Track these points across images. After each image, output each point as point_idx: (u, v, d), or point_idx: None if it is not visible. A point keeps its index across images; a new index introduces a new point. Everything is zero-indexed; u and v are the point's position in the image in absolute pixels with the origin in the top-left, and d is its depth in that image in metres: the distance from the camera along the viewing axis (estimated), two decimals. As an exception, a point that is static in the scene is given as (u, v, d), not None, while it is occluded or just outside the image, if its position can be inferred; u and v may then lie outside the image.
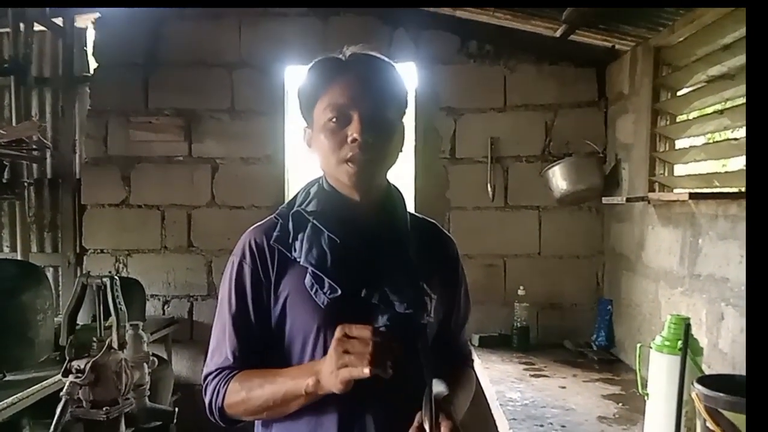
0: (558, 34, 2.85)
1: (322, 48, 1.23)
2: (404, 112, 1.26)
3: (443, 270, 1.34)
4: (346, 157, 1.16)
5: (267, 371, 1.19)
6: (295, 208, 1.24)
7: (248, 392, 1.16)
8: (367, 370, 0.99)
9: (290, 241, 1.21)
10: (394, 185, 1.31)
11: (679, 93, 2.49)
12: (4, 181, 3.13)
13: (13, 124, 3.14)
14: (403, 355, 1.14)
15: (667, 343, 1.62)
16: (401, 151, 1.26)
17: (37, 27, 3.31)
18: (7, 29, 3.18)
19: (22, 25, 3.16)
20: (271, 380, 1.15)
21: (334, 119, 1.16)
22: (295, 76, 3.35)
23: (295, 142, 3.40)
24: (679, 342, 1.55)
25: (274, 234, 1.22)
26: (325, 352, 1.16)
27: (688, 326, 1.53)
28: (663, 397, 1.62)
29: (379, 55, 1.22)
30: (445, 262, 1.36)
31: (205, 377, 1.25)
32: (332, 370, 1.03)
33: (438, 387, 1.28)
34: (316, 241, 1.18)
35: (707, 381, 1.38)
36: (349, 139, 1.15)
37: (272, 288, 1.21)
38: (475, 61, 3.29)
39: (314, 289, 1.16)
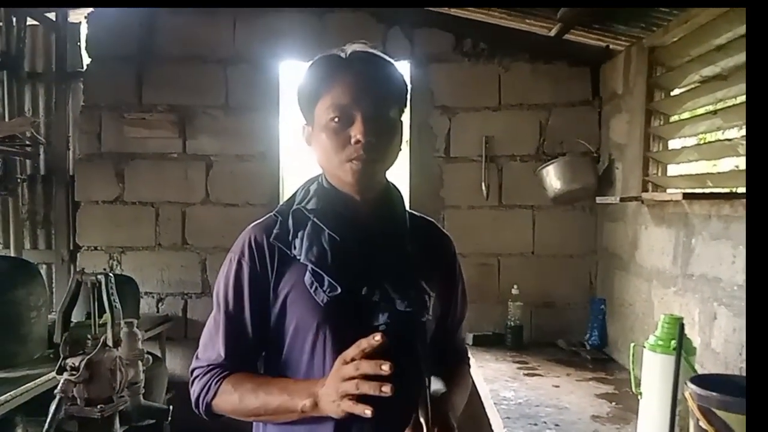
0: (553, 33, 2.87)
1: (317, 44, 1.23)
2: (404, 110, 1.26)
3: (441, 268, 1.35)
4: (349, 158, 1.15)
5: (261, 378, 1.20)
6: (295, 206, 1.24)
7: (240, 396, 1.17)
8: (368, 412, 0.99)
9: (290, 238, 1.20)
10: (393, 184, 1.31)
11: (672, 93, 2.51)
12: (-3, 177, 3.12)
13: (6, 119, 3.11)
14: (403, 355, 1.15)
15: (660, 342, 1.64)
16: (401, 149, 1.26)
17: (30, 21, 3.28)
18: (-1, 23, 3.15)
19: (14, 19, 3.13)
20: (266, 389, 1.16)
21: (336, 119, 1.15)
22: (289, 71, 3.33)
23: (290, 139, 3.39)
24: (673, 341, 1.57)
25: (274, 231, 1.22)
26: (324, 351, 1.17)
27: (682, 326, 1.54)
28: (656, 396, 1.63)
29: (379, 53, 1.22)
30: (443, 260, 1.37)
31: (194, 370, 1.25)
32: (334, 399, 1.04)
33: (435, 385, 1.29)
34: (316, 239, 1.18)
35: (700, 380, 1.40)
36: (353, 140, 1.14)
37: (271, 286, 1.20)
38: (470, 60, 3.29)
39: (314, 287, 1.16)
